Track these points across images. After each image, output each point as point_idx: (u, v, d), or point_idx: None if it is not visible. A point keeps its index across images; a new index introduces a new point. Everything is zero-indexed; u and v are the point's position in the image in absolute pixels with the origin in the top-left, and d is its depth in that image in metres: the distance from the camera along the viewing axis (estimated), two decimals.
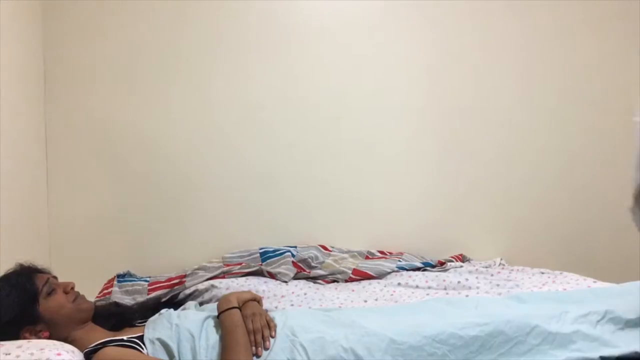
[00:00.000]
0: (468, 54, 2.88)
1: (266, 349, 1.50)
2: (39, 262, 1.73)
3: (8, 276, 1.59)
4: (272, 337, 1.54)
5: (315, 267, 2.45)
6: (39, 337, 1.51)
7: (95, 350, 1.47)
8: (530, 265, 2.56)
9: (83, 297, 1.66)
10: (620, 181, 2.92)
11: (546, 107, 2.93)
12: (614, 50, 2.93)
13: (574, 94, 2.94)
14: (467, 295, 2.13)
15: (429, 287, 2.26)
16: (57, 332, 1.54)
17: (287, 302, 2.10)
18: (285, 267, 2.39)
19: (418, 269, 2.48)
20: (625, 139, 2.95)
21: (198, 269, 2.37)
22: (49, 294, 1.57)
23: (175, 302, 2.13)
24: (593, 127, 2.94)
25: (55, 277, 1.67)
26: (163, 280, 2.32)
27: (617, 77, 2.93)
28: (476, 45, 2.88)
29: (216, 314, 1.63)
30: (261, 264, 2.43)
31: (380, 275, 2.39)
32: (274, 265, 2.43)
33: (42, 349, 1.34)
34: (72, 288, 1.64)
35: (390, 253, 2.68)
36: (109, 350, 1.47)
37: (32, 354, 1.31)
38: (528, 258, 2.73)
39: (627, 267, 2.71)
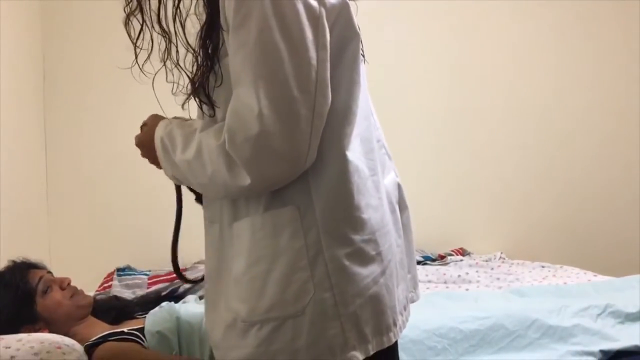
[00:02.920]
0: (469, 53, 2.87)
1: None
2: (39, 256, 1.71)
3: (1, 275, 1.56)
4: None
5: None
6: None
7: (96, 344, 1.47)
8: (531, 259, 2.56)
9: (81, 292, 1.63)
10: (621, 176, 2.93)
11: (547, 102, 2.92)
12: (613, 47, 2.93)
13: (575, 92, 2.93)
14: (467, 289, 2.13)
15: (429, 281, 2.26)
16: (57, 329, 1.53)
17: None
18: None
19: (418, 262, 2.48)
20: (624, 134, 2.95)
21: (198, 262, 2.37)
22: (45, 291, 1.55)
23: (175, 296, 2.13)
24: (593, 122, 2.94)
25: (50, 272, 1.64)
26: (163, 274, 2.32)
27: (617, 74, 2.93)
28: (477, 44, 2.88)
29: None
30: None
31: None
32: None
33: (42, 342, 1.34)
34: (69, 284, 1.61)
35: None
36: (109, 345, 1.46)
37: (32, 347, 1.31)
38: (528, 252, 2.73)
39: (627, 261, 2.71)
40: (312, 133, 0.86)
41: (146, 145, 1.07)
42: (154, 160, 1.05)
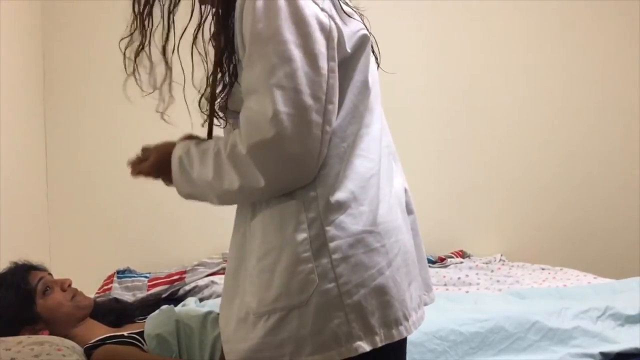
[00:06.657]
0: (470, 53, 2.87)
1: None
2: (39, 258, 1.71)
3: (2, 276, 1.57)
4: None
5: None
6: None
7: (95, 346, 1.47)
8: (531, 261, 2.56)
9: (82, 294, 1.63)
10: (621, 178, 2.93)
11: (547, 105, 2.92)
12: (615, 50, 2.93)
13: (575, 92, 2.93)
14: (467, 291, 2.13)
15: None
16: (57, 330, 1.53)
17: None
18: None
19: None
20: (624, 137, 2.95)
21: (198, 265, 2.37)
22: (46, 292, 1.55)
23: (175, 298, 2.13)
24: (593, 125, 2.94)
25: (50, 274, 1.65)
26: (163, 276, 2.32)
27: (618, 77, 2.93)
28: (479, 45, 2.88)
29: (218, 311, 1.62)
30: None
31: None
32: None
33: (42, 344, 1.34)
34: (70, 285, 1.62)
35: None
36: (107, 348, 1.46)
37: (32, 349, 1.31)
38: (528, 254, 2.73)
39: (627, 263, 2.71)
40: (323, 138, 0.92)
41: (161, 168, 1.13)
42: (169, 180, 1.09)
